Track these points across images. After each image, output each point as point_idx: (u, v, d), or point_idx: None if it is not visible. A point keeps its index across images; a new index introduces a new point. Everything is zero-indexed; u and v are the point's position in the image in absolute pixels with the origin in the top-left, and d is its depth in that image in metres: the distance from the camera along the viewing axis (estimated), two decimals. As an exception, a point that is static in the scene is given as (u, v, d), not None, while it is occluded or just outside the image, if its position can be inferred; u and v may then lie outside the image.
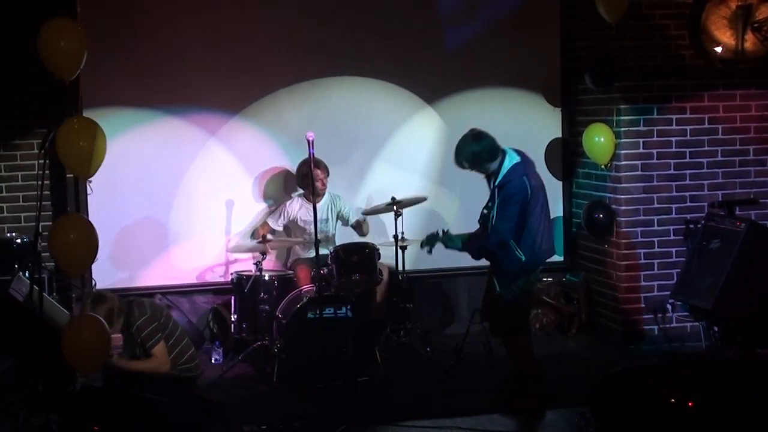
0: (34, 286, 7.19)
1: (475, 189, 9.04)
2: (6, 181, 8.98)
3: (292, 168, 9.36)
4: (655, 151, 9.11)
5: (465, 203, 9.59)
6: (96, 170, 7.06)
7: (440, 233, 7.61)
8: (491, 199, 7.48)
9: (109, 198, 9.05)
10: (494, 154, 7.38)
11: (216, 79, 9.26)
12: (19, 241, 8.56)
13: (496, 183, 7.41)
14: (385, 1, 9.52)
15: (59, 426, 6.61)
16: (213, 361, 8.78)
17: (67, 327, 6.87)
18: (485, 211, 7.53)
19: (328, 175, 9.12)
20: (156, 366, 7.33)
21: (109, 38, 8.93)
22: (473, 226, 8.09)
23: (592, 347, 9.23)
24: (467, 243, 7.58)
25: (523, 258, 7.35)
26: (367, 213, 9.17)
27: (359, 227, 9.32)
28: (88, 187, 8.82)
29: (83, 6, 8.80)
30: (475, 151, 7.39)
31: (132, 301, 7.53)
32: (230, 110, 9.34)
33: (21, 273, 7.91)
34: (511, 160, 7.39)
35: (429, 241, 7.65)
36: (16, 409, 7.21)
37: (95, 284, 8.96)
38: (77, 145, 6.76)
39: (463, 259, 9.53)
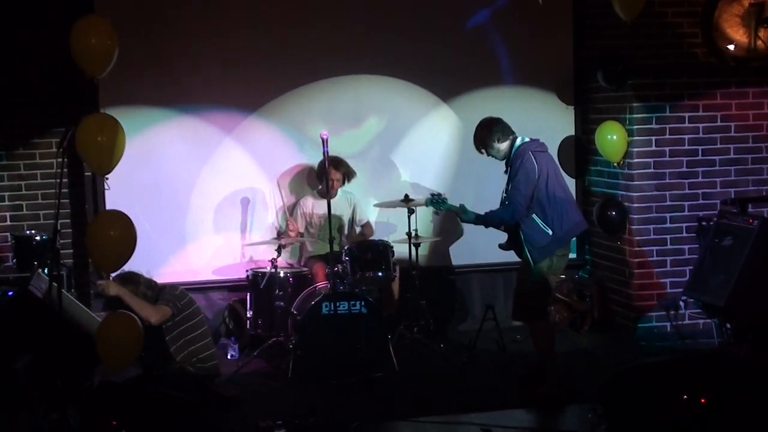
0: (53, 283, 7.23)
1: (490, 186, 9.08)
2: (25, 179, 9.02)
3: (308, 166, 9.38)
4: (667, 149, 9.10)
5: (480, 200, 9.53)
6: (114, 166, 7.08)
7: (453, 204, 7.84)
8: (508, 180, 7.75)
9: (126, 196, 9.07)
10: (500, 137, 7.73)
11: (232, 78, 9.29)
12: (38, 238, 8.60)
13: (509, 163, 7.74)
14: (401, 2, 9.52)
15: (78, 421, 6.64)
16: (229, 356, 8.81)
17: (101, 326, 6.90)
18: (504, 194, 7.78)
19: (346, 178, 9.18)
20: (147, 310, 7.29)
21: (127, 38, 8.89)
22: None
23: (605, 344, 9.22)
24: (482, 216, 7.78)
25: (550, 232, 7.54)
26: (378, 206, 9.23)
27: (365, 230, 9.42)
28: (105, 183, 8.86)
29: (100, 7, 8.82)
30: (486, 135, 7.77)
31: (166, 285, 7.69)
32: (247, 109, 9.37)
33: (40, 270, 7.94)
34: (521, 141, 7.73)
35: (435, 204, 7.92)
36: (35, 405, 7.23)
37: (113, 281, 9.00)
38: (95, 140, 6.77)
39: (477, 256, 9.60)
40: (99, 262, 7.11)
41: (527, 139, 7.74)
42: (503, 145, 7.74)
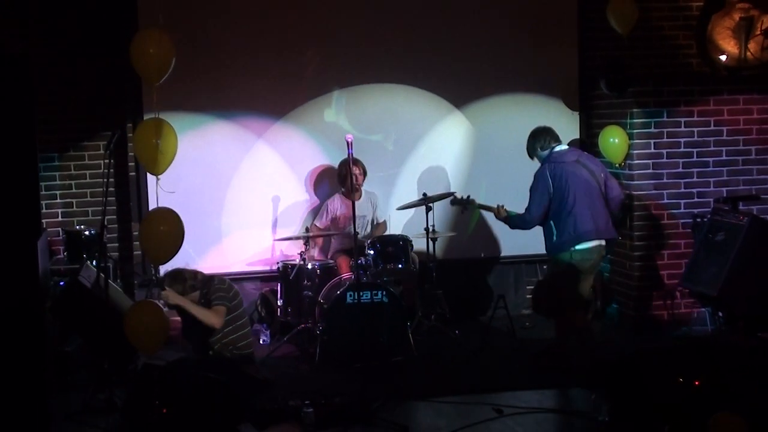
0: (101, 274, 7.27)
1: (500, 187, 9.10)
2: (75, 179, 9.08)
3: (333, 167, 9.39)
4: (665, 151, 9.08)
5: (491, 199, 9.58)
6: (167, 167, 7.08)
7: (504, 210, 8.20)
8: None
9: (167, 194, 9.12)
10: (542, 146, 7.97)
11: (263, 87, 9.31)
12: (87, 233, 8.64)
13: None
14: (419, 18, 9.52)
15: (123, 401, 6.68)
16: (261, 342, 8.84)
17: (128, 313, 6.91)
18: None
19: (365, 173, 9.17)
20: (210, 317, 7.32)
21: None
22: (498, 221, 8.20)
23: (607, 331, 9.21)
24: (511, 217, 8.19)
25: (554, 238, 7.74)
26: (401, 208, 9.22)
27: (377, 229, 9.41)
28: (158, 185, 8.92)
29: (144, 18, 8.87)
30: (527, 145, 8.09)
31: (214, 276, 7.68)
32: (276, 114, 9.38)
33: (88, 262, 7.98)
34: (551, 151, 7.92)
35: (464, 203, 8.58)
36: (84, 386, 7.28)
37: (155, 272, 9.05)
38: (151, 142, 6.80)
39: (489, 250, 9.60)
40: (149, 255, 7.12)
41: (557, 149, 7.91)
42: (544, 153, 7.95)
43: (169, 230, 6.82)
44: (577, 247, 7.73)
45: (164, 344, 7.09)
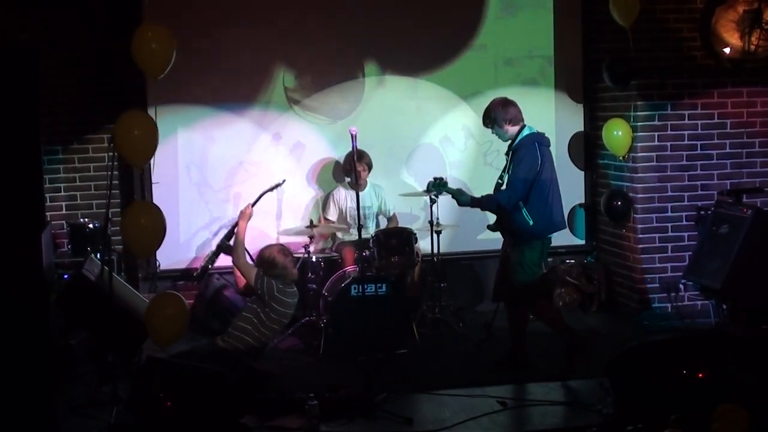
0: (105, 267, 7.26)
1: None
2: (79, 172, 9.06)
3: (338, 159, 9.39)
4: (668, 144, 9.07)
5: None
6: (148, 159, 7.01)
7: (449, 187, 7.78)
8: (505, 167, 7.58)
9: (173, 186, 9.13)
10: (514, 121, 7.53)
11: (268, 79, 9.31)
12: (91, 226, 8.63)
13: (512, 147, 7.54)
14: (424, 9, 9.51)
15: (127, 393, 6.67)
16: (266, 334, 8.84)
17: (151, 304, 6.88)
18: (499, 181, 7.59)
19: (369, 168, 9.15)
20: (246, 265, 8.03)
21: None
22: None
23: (611, 323, 9.19)
24: (478, 198, 7.66)
25: (531, 222, 7.37)
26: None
27: (391, 222, 9.41)
28: (152, 175, 8.89)
29: (149, 13, 8.86)
30: (498, 114, 7.55)
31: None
32: (281, 107, 9.38)
33: (93, 255, 7.97)
34: (529, 130, 7.53)
35: (435, 187, 7.81)
36: (89, 379, 7.28)
37: (159, 265, 9.05)
38: (132, 134, 6.75)
39: (493, 243, 9.57)
40: (131, 248, 7.07)
41: (535, 130, 7.54)
42: (512, 129, 7.52)
43: (149, 224, 6.74)
44: (550, 235, 7.64)
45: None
